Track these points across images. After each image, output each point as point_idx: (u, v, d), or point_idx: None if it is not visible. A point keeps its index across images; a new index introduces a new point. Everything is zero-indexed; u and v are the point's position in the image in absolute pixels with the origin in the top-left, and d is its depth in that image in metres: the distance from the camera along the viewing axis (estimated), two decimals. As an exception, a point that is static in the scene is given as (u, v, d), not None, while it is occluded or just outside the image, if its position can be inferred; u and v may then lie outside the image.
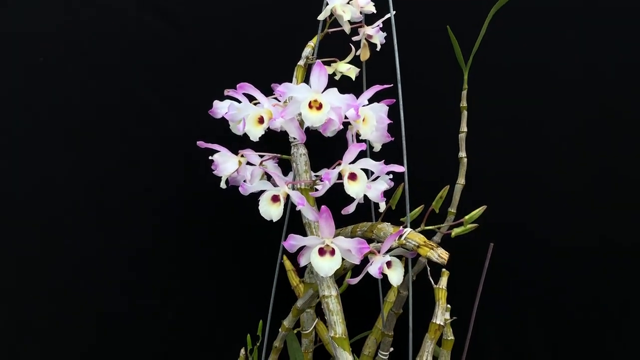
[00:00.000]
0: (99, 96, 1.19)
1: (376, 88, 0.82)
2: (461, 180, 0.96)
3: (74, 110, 1.19)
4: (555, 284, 1.28)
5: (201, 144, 0.89)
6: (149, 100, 1.20)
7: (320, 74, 0.78)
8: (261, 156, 0.94)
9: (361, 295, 1.07)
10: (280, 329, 1.00)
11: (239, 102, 0.88)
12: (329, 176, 0.79)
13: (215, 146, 0.89)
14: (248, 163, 0.93)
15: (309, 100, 0.78)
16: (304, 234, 0.86)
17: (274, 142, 0.94)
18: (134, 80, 1.20)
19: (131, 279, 1.24)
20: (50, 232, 1.20)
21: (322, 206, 0.78)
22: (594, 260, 1.26)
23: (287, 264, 1.10)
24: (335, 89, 0.79)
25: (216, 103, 0.93)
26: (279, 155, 0.94)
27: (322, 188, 0.81)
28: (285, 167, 0.96)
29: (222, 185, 0.91)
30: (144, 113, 1.20)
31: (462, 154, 0.96)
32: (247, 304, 1.26)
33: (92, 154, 1.20)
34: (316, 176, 0.91)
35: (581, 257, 1.26)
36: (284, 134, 0.87)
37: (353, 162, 0.81)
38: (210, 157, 0.90)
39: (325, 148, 0.93)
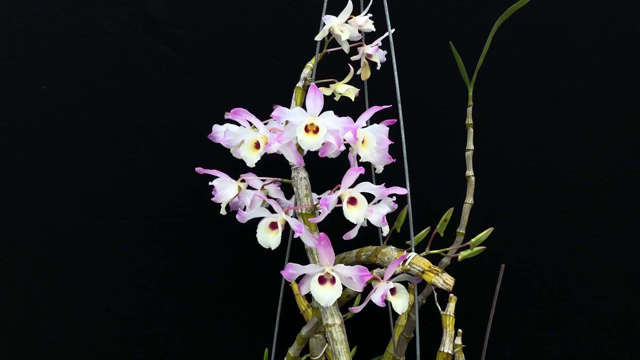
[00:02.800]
0: (103, 121, 1.18)
1: (375, 109, 0.79)
2: (469, 200, 0.93)
3: (78, 135, 1.18)
4: (573, 303, 1.24)
5: (200, 170, 0.87)
6: (154, 125, 1.19)
7: (315, 97, 0.76)
8: (263, 180, 0.92)
9: (372, 318, 1.04)
10: (285, 358, 0.97)
11: (239, 125, 0.86)
12: (326, 202, 0.77)
13: (215, 172, 0.88)
14: (249, 188, 0.91)
15: (305, 124, 0.76)
16: (308, 260, 0.84)
17: (279, 165, 0.93)
18: (138, 105, 1.19)
19: (138, 306, 1.22)
20: (55, 260, 1.19)
21: (321, 233, 0.75)
22: (613, 277, 1.23)
23: (295, 288, 1.08)
24: (331, 112, 0.77)
25: (215, 127, 0.91)
26: (280, 179, 0.92)
27: (322, 214, 0.79)
28: (289, 190, 0.94)
29: (222, 212, 0.89)
30: (149, 138, 1.20)
31: (470, 172, 0.93)
32: (253, 331, 1.23)
33: (98, 180, 1.19)
34: (318, 199, 0.89)
35: (598, 274, 1.23)
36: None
37: (353, 186, 0.79)
38: (210, 183, 0.89)
39: (330, 169, 0.92)
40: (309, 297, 1.04)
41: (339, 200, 0.79)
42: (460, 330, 0.87)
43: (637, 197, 1.21)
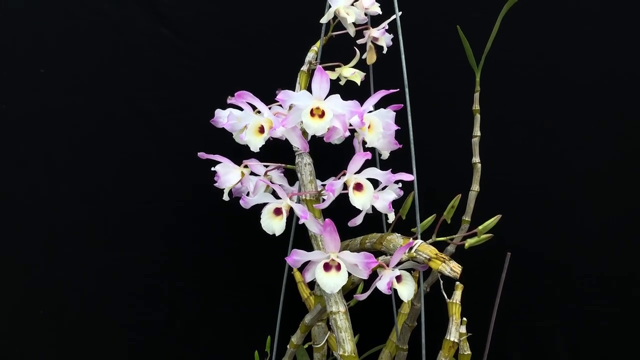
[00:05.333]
0: (102, 106, 1.17)
1: (381, 93, 0.78)
2: (475, 187, 0.92)
3: (77, 119, 1.17)
4: (578, 292, 1.24)
5: (202, 155, 0.86)
6: (154, 110, 1.18)
7: (322, 80, 0.75)
8: (266, 166, 0.90)
9: (375, 307, 1.03)
10: (288, 346, 0.97)
11: (242, 110, 0.85)
12: (332, 188, 0.75)
13: (217, 157, 0.86)
14: (252, 173, 0.89)
15: (311, 107, 0.75)
16: (312, 247, 0.82)
17: (282, 151, 0.91)
18: (137, 89, 1.17)
19: (138, 293, 1.22)
20: (55, 245, 1.19)
21: (326, 219, 0.74)
22: (619, 266, 1.22)
23: (297, 275, 1.07)
24: (337, 96, 0.76)
25: (218, 112, 0.90)
26: (284, 165, 0.91)
27: (327, 200, 0.78)
28: (292, 177, 0.93)
29: (225, 197, 0.88)
30: (148, 123, 1.18)
31: (476, 159, 0.92)
32: (256, 319, 1.23)
33: (97, 165, 1.18)
34: (322, 185, 0.88)
35: (605, 264, 1.22)
36: (290, 143, 0.84)
37: (359, 171, 0.78)
38: (212, 169, 0.87)
39: (335, 154, 0.90)
40: (311, 284, 1.03)
41: (345, 187, 0.77)
42: (464, 319, 0.86)
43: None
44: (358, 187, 0.77)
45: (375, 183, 0.80)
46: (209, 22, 1.17)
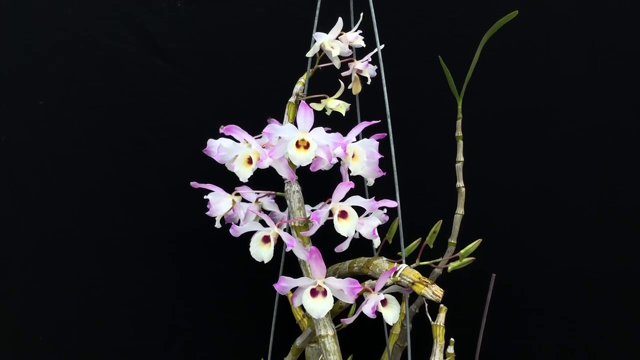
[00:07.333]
0: (97, 134, 1.20)
1: (364, 125, 0.81)
2: (460, 211, 0.94)
3: (73, 149, 1.20)
4: (565, 312, 1.25)
5: (194, 184, 0.89)
6: (148, 138, 1.21)
7: (306, 114, 0.78)
8: (257, 193, 0.93)
9: (367, 327, 1.05)
10: (280, 369, 0.99)
11: (233, 139, 0.88)
12: (317, 216, 0.78)
13: (209, 186, 0.89)
14: (244, 200, 0.92)
15: (296, 139, 0.78)
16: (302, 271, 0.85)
17: (274, 177, 0.94)
18: (132, 117, 1.20)
19: (134, 318, 1.24)
20: (51, 273, 1.21)
21: (312, 247, 0.77)
22: (605, 285, 1.23)
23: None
24: (321, 128, 0.79)
25: (210, 142, 0.92)
26: (274, 192, 0.93)
27: (314, 227, 0.80)
28: (283, 203, 0.96)
29: (217, 225, 0.90)
30: (143, 151, 1.21)
31: (460, 183, 0.94)
32: (249, 341, 1.24)
33: (92, 192, 1.21)
34: (312, 211, 0.90)
35: (590, 283, 1.24)
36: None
37: (343, 199, 0.80)
38: (205, 197, 0.90)
39: (324, 179, 0.93)
40: (304, 307, 1.05)
41: (331, 214, 0.80)
42: (452, 339, 0.88)
43: (628, 208, 1.22)
44: (343, 214, 0.79)
45: (360, 209, 0.82)
46: (203, 53, 1.20)
